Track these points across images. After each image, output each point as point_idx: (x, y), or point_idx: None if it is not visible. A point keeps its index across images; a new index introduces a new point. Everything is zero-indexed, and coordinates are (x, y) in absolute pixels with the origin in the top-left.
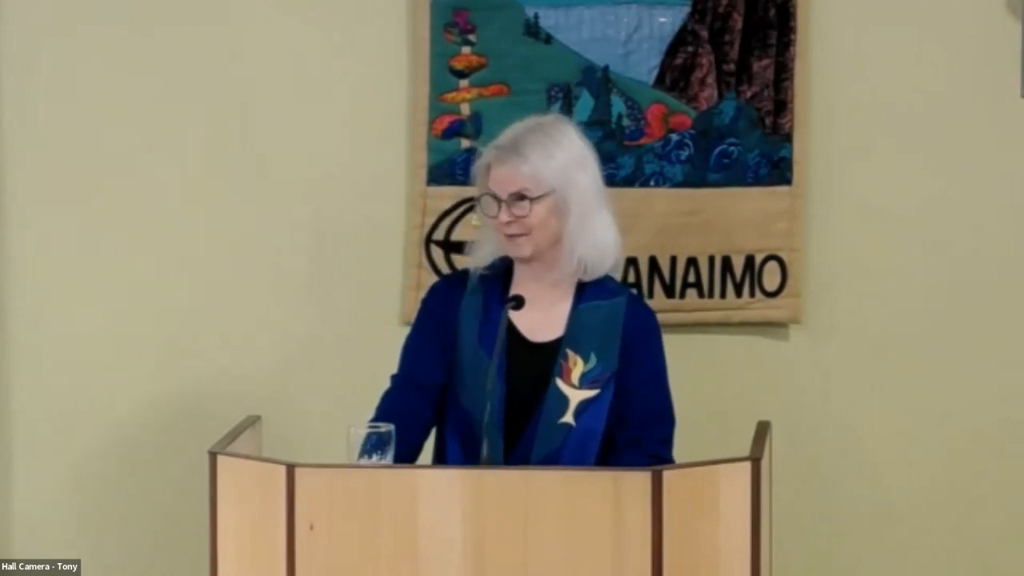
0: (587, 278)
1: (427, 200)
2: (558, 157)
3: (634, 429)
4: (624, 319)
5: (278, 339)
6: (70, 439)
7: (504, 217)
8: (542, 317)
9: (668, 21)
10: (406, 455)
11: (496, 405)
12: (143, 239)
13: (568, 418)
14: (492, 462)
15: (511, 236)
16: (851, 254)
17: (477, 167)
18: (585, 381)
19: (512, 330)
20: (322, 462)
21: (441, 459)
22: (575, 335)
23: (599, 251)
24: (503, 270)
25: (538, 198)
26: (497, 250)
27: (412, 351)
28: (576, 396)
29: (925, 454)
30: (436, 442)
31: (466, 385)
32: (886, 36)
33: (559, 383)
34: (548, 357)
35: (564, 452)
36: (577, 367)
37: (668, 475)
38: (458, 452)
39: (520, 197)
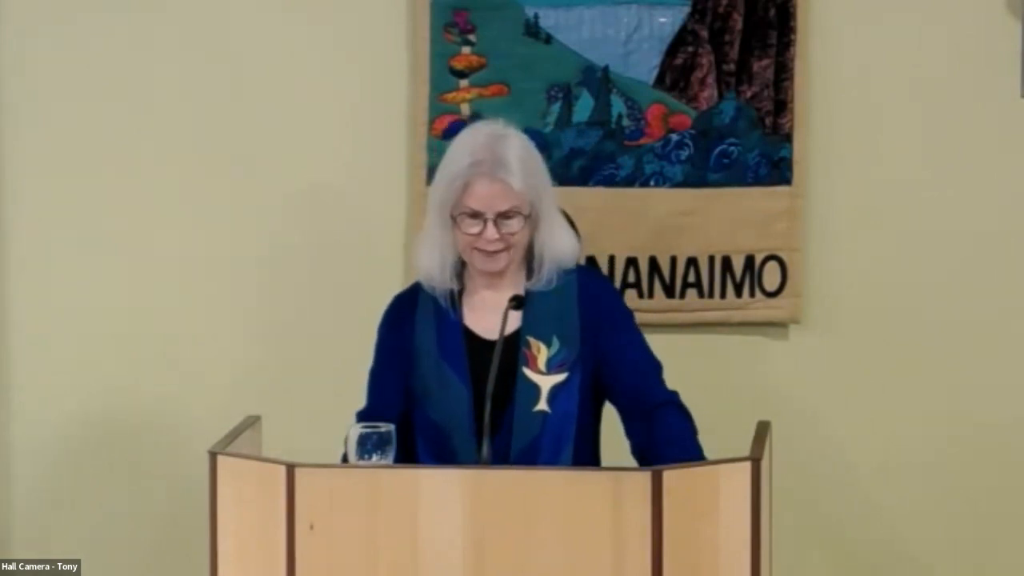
0: (544, 280)
1: (427, 200)
2: (534, 171)
3: (642, 391)
4: (578, 295)
5: (278, 339)
6: (70, 438)
7: (492, 235)
8: (496, 317)
9: (668, 21)
10: None
11: (465, 415)
12: (143, 239)
13: (543, 405)
14: (491, 462)
15: (489, 252)
16: (851, 254)
17: (449, 184)
18: (552, 366)
19: (469, 333)
20: (322, 462)
21: None
22: (532, 323)
23: (562, 253)
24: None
25: (528, 216)
26: (445, 258)
27: (375, 387)
28: (546, 382)
29: (925, 454)
30: (407, 457)
31: (434, 398)
32: (886, 36)
33: (527, 372)
34: (510, 351)
35: (543, 439)
36: (541, 353)
37: (668, 475)
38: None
39: (508, 216)
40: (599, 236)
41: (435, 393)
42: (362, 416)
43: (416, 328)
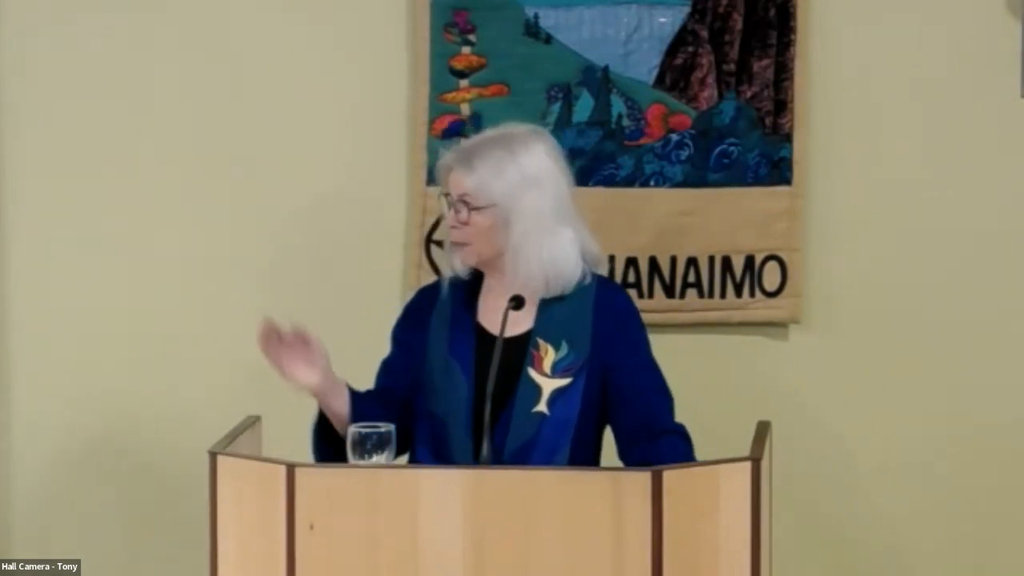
0: (547, 295)
1: (427, 200)
2: (508, 174)
3: (648, 417)
4: (595, 304)
5: None
6: (70, 439)
7: (450, 220)
8: (510, 316)
9: (668, 21)
10: None
11: (463, 410)
12: (143, 239)
13: (542, 407)
14: (491, 462)
15: (454, 243)
16: (851, 254)
17: (440, 165)
18: (558, 370)
19: (481, 331)
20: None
21: None
22: (544, 325)
23: (554, 269)
24: (472, 280)
25: (478, 208)
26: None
27: (379, 375)
28: (549, 385)
29: (925, 454)
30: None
31: (437, 392)
32: (886, 36)
33: (531, 372)
34: (518, 350)
35: (538, 441)
36: (549, 355)
37: (668, 475)
38: (429, 460)
39: (463, 201)
40: (599, 236)
41: (438, 385)
42: (365, 393)
43: (431, 322)
